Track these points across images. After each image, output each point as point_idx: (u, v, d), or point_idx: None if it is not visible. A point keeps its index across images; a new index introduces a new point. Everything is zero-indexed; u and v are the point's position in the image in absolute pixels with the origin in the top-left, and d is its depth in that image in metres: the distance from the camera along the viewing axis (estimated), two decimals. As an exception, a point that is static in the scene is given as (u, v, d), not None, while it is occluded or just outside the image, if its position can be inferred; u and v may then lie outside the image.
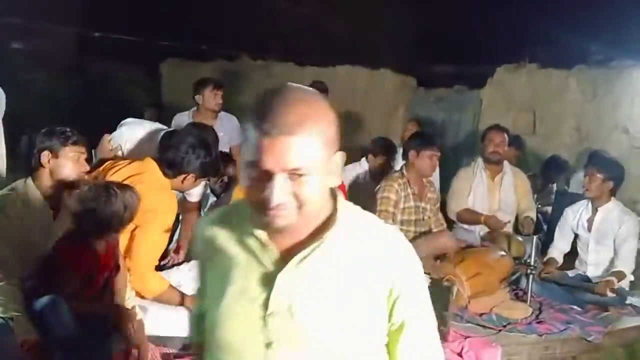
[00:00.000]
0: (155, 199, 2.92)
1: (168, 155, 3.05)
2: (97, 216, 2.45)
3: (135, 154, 3.63)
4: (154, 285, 2.90)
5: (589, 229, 4.29)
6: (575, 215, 4.38)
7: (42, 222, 2.68)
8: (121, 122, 3.82)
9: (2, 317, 2.39)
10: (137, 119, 3.96)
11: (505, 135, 4.80)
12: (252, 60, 9.17)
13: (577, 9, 7.46)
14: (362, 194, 4.63)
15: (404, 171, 4.22)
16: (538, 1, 7.79)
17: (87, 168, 2.82)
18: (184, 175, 3.06)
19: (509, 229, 4.73)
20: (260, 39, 9.17)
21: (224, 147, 4.71)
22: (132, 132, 3.69)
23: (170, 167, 3.05)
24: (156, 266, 3.06)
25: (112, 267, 2.59)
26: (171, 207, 2.99)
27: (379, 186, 4.18)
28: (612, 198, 4.24)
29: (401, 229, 4.11)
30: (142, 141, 3.67)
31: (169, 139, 3.19)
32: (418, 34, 8.86)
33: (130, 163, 3.12)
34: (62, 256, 2.44)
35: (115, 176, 3.01)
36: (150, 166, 3.07)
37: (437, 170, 4.97)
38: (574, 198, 4.63)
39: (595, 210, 4.26)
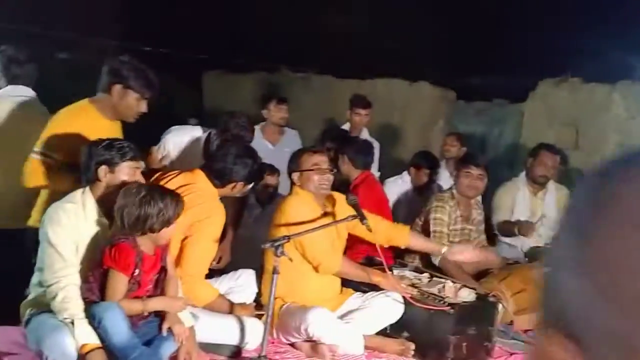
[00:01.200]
0: (205, 210, 2.99)
1: (216, 166, 3.12)
2: (133, 213, 2.49)
3: (182, 159, 3.73)
4: (204, 293, 2.96)
5: None
6: None
7: (98, 232, 2.75)
8: (166, 130, 3.92)
9: (62, 321, 2.47)
10: (181, 126, 4.07)
11: (558, 158, 4.75)
12: (292, 72, 9.27)
13: (621, 22, 7.36)
14: (405, 208, 4.65)
15: (454, 192, 4.19)
16: (582, 14, 7.70)
17: (143, 181, 2.88)
18: (233, 184, 3.14)
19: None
20: (299, 52, 9.26)
21: (285, 159, 4.79)
22: (177, 138, 3.80)
23: (219, 177, 3.12)
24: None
25: (160, 270, 2.64)
26: (220, 217, 3.06)
27: (429, 205, 4.17)
28: None
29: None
30: (187, 146, 3.77)
31: (214, 148, 3.26)
32: (457, 46, 8.84)
33: (179, 174, 3.19)
34: (107, 256, 2.49)
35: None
36: (199, 177, 3.14)
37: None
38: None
39: None
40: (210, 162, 3.17)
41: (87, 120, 3.10)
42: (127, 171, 2.72)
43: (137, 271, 2.52)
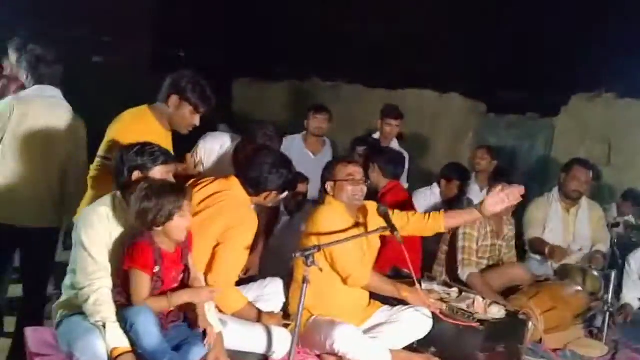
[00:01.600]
0: (237, 218, 3.00)
1: (251, 175, 3.12)
2: (135, 208, 2.50)
3: (213, 167, 3.75)
4: (233, 300, 2.97)
5: None
6: (638, 264, 4.25)
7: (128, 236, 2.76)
8: (203, 136, 3.95)
9: (94, 324, 2.50)
10: (214, 132, 4.10)
11: (591, 174, 4.69)
12: (322, 81, 9.29)
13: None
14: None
15: None
16: (618, 30, 7.59)
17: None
18: (267, 193, 3.14)
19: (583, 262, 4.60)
20: (330, 61, 9.29)
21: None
22: (208, 145, 3.84)
23: (253, 186, 3.12)
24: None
25: (184, 270, 2.64)
26: (252, 225, 3.07)
27: None
28: None
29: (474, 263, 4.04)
30: (218, 154, 3.81)
31: (248, 157, 3.27)
32: (490, 59, 8.78)
33: (214, 180, 3.21)
34: (127, 256, 2.51)
35: (199, 194, 3.09)
36: (233, 184, 3.15)
37: None
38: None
39: None
40: (245, 170, 3.17)
41: (146, 126, 3.21)
42: (160, 175, 2.74)
43: (157, 268, 2.52)
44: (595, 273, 4.29)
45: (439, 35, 9.17)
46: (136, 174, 2.71)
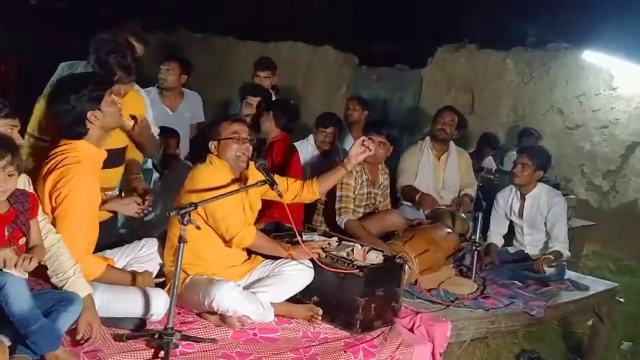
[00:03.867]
0: (64, 185, 2.67)
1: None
2: None
3: None
4: (91, 268, 2.71)
5: (520, 216, 4.44)
6: (505, 202, 4.53)
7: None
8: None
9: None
10: None
11: (456, 117, 4.91)
12: (191, 33, 8.93)
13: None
14: (312, 171, 4.62)
15: None
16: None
17: (21, 141, 2.65)
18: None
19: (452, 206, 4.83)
20: (200, 13, 8.91)
21: (185, 125, 4.57)
22: None
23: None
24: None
25: (24, 235, 2.43)
26: (83, 191, 2.71)
27: None
28: (538, 183, 4.40)
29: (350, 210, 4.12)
30: None
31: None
32: (361, 12, 8.85)
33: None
34: None
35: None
36: (77, 144, 2.78)
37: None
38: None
39: (523, 198, 4.41)
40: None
41: None
42: (1, 130, 2.52)
43: None
44: (463, 215, 4.53)
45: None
46: None
